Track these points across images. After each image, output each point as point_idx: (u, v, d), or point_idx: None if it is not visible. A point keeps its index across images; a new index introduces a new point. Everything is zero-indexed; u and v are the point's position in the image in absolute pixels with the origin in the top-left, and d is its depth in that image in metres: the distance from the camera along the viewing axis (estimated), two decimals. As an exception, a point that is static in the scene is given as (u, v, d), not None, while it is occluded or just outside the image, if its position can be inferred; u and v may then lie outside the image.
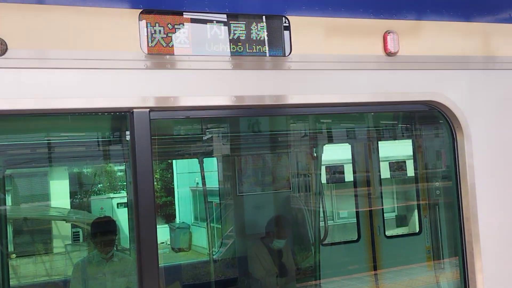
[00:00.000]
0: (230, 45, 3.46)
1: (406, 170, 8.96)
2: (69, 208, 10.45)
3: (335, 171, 8.99)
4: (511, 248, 4.14)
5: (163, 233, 15.50)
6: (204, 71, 3.37)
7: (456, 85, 4.00)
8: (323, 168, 8.31)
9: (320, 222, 7.76)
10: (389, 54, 3.81)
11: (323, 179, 8.49)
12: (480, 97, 4.09)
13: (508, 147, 4.16)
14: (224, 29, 3.46)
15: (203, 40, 3.40)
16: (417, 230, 8.28)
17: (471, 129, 3.97)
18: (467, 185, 3.95)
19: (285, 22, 3.59)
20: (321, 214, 7.77)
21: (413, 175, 7.83)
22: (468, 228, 3.96)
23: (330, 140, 7.84)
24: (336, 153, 9.03)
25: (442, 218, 5.50)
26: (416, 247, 7.68)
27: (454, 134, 4.00)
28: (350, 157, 8.21)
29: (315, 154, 7.66)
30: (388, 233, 8.59)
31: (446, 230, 5.18)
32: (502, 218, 4.11)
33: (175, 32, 3.33)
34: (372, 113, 5.95)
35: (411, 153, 7.35)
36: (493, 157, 4.10)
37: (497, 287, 4.03)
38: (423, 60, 3.91)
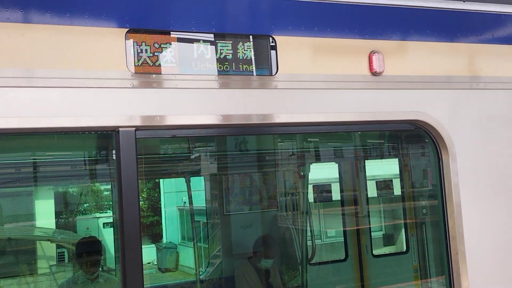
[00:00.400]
0: (217, 64, 3.47)
1: (393, 189, 8.98)
2: (54, 228, 10.32)
3: (323, 190, 8.98)
4: (497, 267, 4.15)
5: (149, 253, 15.34)
6: (191, 90, 3.37)
7: (440, 104, 4.04)
8: (310, 187, 8.30)
9: (308, 241, 7.73)
10: (374, 73, 3.84)
11: (311, 198, 8.47)
12: (465, 117, 4.13)
13: (493, 165, 4.20)
14: (211, 48, 3.47)
15: (189, 59, 3.41)
16: (404, 249, 8.27)
17: (456, 148, 4.00)
18: (453, 204, 3.97)
19: (271, 42, 3.62)
20: (309, 233, 7.74)
21: (400, 194, 7.85)
22: (454, 247, 3.96)
23: (317, 159, 7.85)
24: (323, 172, 9.04)
25: (429, 237, 5.51)
26: (403, 266, 7.67)
27: (440, 153, 4.03)
28: (337, 176, 8.22)
29: (302, 173, 7.67)
30: (375, 252, 8.58)
31: (433, 249, 5.19)
32: (488, 236, 4.12)
33: (162, 51, 3.34)
34: (359, 132, 5.98)
35: (398, 172, 7.38)
36: (478, 175, 4.12)
37: (484, 306, 4.03)
38: (408, 80, 3.95)
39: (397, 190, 8.65)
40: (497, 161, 4.21)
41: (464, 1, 4.36)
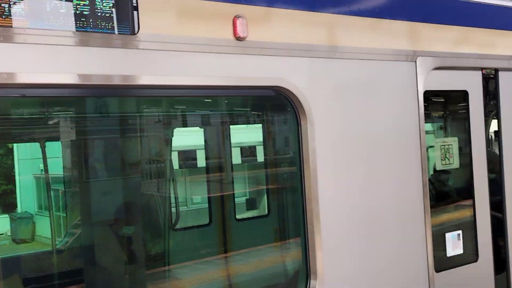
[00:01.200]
0: (73, 20, 3.24)
1: (256, 156, 9.22)
2: None
3: (188, 156, 8.95)
4: (349, 226, 4.45)
5: (2, 223, 14.42)
6: (43, 46, 3.12)
7: (300, 71, 4.17)
8: (175, 154, 8.21)
9: (172, 208, 7.69)
10: (238, 38, 3.85)
11: (175, 165, 8.40)
12: (323, 84, 4.32)
13: (348, 132, 4.45)
14: (66, 3, 3.23)
15: (41, 13, 3.14)
16: (266, 212, 8.58)
17: (314, 114, 4.17)
18: (310, 168, 4.15)
19: (133, 0, 3.45)
20: (173, 200, 7.70)
21: (263, 160, 8.06)
22: (309, 208, 4.17)
23: (183, 124, 7.78)
24: (188, 138, 9.00)
25: (289, 201, 5.74)
26: (264, 229, 7.96)
27: (299, 119, 4.18)
28: (202, 142, 8.23)
29: (166, 139, 7.56)
30: (238, 216, 8.80)
31: (292, 212, 5.42)
32: (341, 199, 4.40)
33: (10, 2, 3.04)
34: (224, 98, 6.00)
35: (262, 139, 7.56)
36: (334, 142, 4.35)
37: (335, 263, 4.31)
38: (270, 46, 4.01)
39: (260, 157, 8.89)
40: (351, 128, 4.47)
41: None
